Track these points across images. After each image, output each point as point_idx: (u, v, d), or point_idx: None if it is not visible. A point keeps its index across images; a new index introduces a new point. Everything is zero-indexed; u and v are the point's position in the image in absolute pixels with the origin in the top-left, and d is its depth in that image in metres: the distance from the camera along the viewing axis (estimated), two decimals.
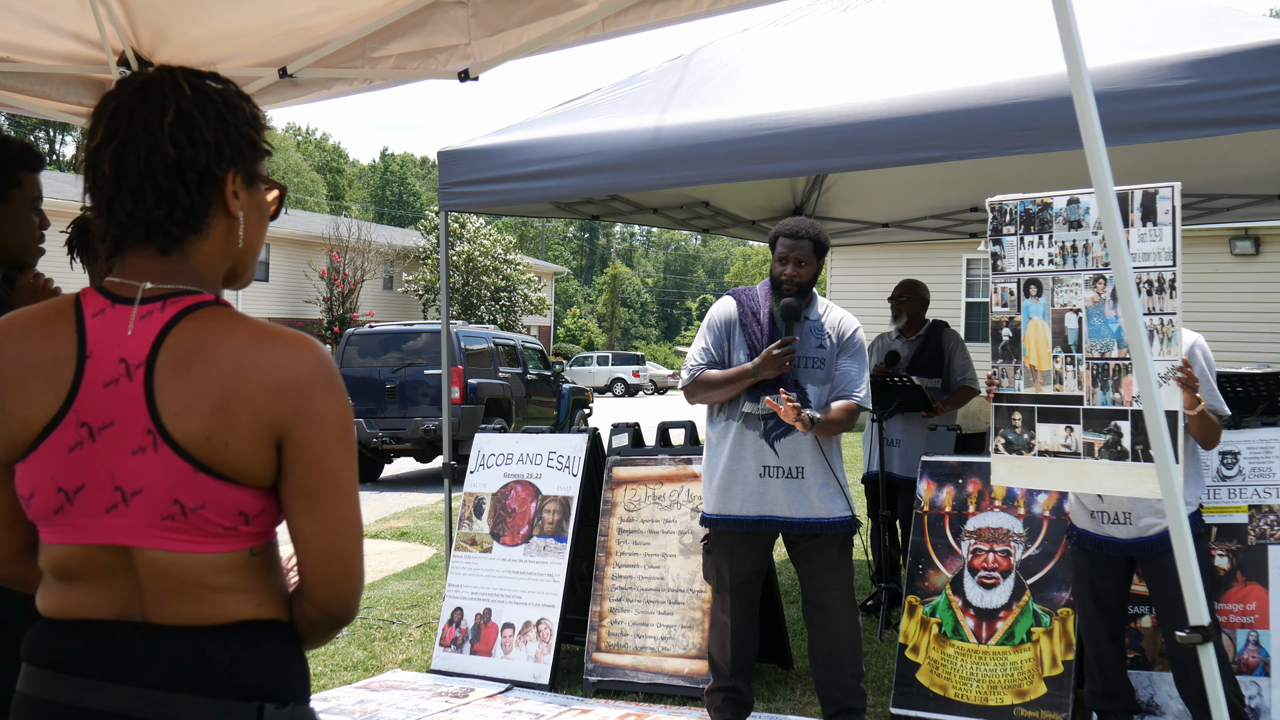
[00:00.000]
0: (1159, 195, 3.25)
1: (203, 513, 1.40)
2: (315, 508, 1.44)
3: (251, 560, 1.45)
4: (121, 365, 1.41)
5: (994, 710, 4.22)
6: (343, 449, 1.45)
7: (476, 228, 34.86)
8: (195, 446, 1.39)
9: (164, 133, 1.42)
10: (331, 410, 1.44)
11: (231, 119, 1.47)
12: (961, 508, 4.57)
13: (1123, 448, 3.33)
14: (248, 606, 1.45)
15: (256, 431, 1.40)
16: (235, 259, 1.54)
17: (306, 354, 1.44)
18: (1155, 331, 3.25)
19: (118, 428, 1.40)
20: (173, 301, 1.44)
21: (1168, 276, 3.24)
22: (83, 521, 1.42)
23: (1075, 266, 3.44)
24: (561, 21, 3.31)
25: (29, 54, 3.64)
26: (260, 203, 1.55)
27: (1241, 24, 3.90)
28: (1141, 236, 3.27)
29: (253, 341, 1.42)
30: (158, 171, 1.42)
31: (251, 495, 1.43)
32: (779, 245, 4.15)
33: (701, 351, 4.17)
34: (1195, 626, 2.13)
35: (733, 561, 4.11)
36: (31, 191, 2.43)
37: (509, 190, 5.29)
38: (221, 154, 1.46)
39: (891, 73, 4.62)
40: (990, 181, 6.75)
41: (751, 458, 4.03)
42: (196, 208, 1.45)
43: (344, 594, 1.47)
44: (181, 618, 1.42)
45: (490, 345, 15.08)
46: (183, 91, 1.45)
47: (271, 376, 1.41)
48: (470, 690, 4.92)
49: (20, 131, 41.78)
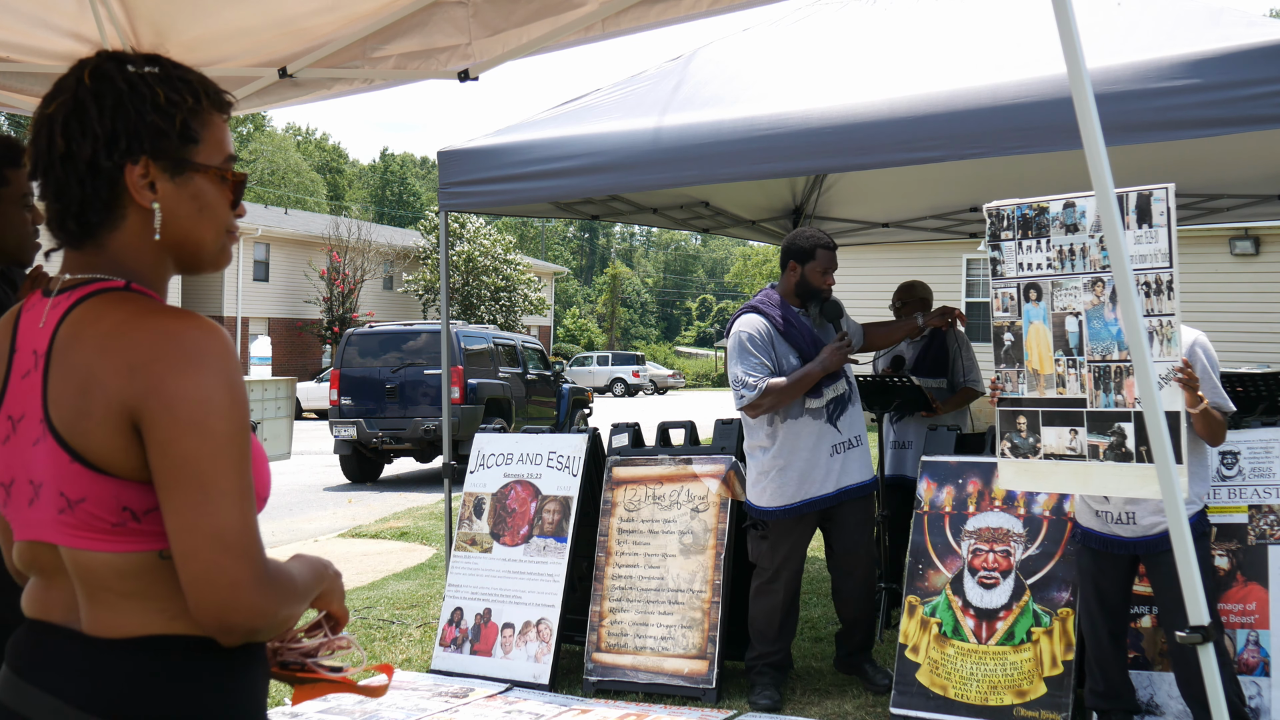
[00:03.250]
0: (1153, 197, 3.25)
1: (85, 506, 1.33)
2: (168, 499, 1.30)
3: (162, 564, 1.34)
4: (32, 356, 1.40)
5: (994, 710, 4.22)
6: (200, 437, 1.30)
7: (476, 228, 34.87)
8: (68, 433, 1.33)
9: (58, 124, 1.39)
10: (187, 391, 1.30)
11: (135, 106, 1.39)
12: (961, 508, 4.57)
13: (1126, 449, 3.33)
14: (159, 619, 1.35)
15: (109, 416, 1.31)
16: (172, 249, 1.46)
17: (173, 332, 1.33)
18: (1155, 333, 3.25)
19: (27, 420, 1.38)
20: (80, 289, 1.41)
21: (1165, 278, 3.24)
22: (17, 516, 1.41)
23: (1073, 270, 3.45)
24: (561, 21, 3.31)
25: (29, 54, 3.64)
26: (198, 192, 1.45)
27: (1241, 24, 3.91)
28: (1137, 238, 3.27)
29: (124, 321, 1.35)
30: (55, 164, 1.40)
31: (135, 490, 1.33)
32: (820, 256, 4.70)
33: (757, 365, 4.59)
34: (1195, 626, 2.13)
35: (794, 543, 4.68)
36: (21, 188, 2.41)
37: (509, 190, 5.29)
38: (114, 144, 1.39)
39: (891, 73, 4.62)
40: (990, 181, 6.76)
41: (823, 444, 4.64)
42: (89, 201, 1.40)
43: (206, 604, 1.30)
44: (100, 628, 1.35)
45: (490, 345, 15.09)
46: (82, 81, 1.40)
47: (128, 357, 1.32)
48: (470, 690, 4.92)
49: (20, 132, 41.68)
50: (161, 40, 3.65)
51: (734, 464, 4.91)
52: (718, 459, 4.98)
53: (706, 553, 4.86)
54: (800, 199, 7.66)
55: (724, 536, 4.84)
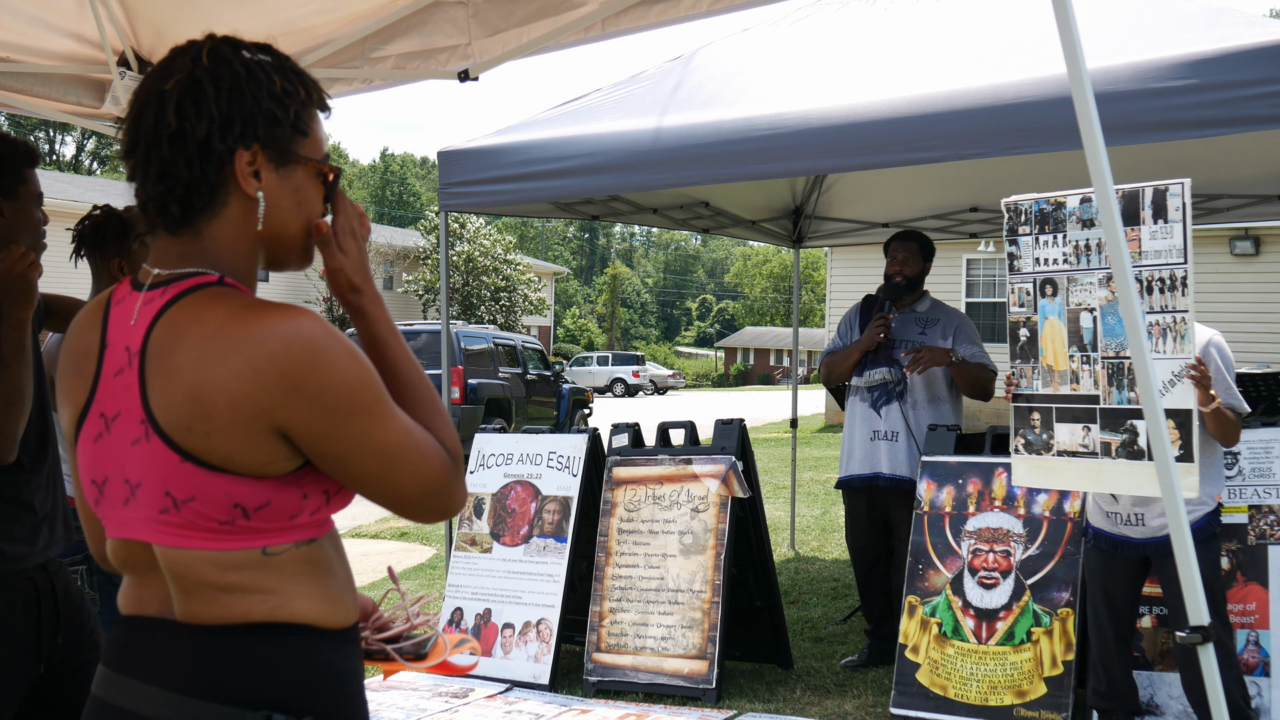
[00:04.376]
0: (1169, 192, 3.24)
1: (194, 505, 1.32)
2: (356, 479, 1.36)
3: (268, 561, 1.35)
4: (126, 354, 1.37)
5: (994, 710, 4.22)
6: (356, 415, 1.32)
7: (476, 228, 34.85)
8: (178, 435, 1.31)
9: (171, 101, 1.35)
10: (328, 382, 1.31)
11: (252, 92, 1.37)
12: (961, 508, 4.57)
13: (1139, 447, 3.31)
14: (263, 608, 1.35)
15: (239, 419, 1.30)
16: (267, 243, 1.43)
17: (283, 329, 1.31)
18: (1168, 330, 3.22)
19: (123, 418, 1.36)
20: (174, 285, 1.37)
21: (1179, 274, 3.21)
22: (111, 514, 1.39)
23: (1089, 265, 3.43)
24: (561, 22, 3.32)
25: (29, 54, 3.64)
26: (299, 186, 1.43)
27: (1241, 24, 3.90)
28: (1152, 234, 3.25)
29: (225, 322, 1.32)
30: (162, 143, 1.35)
31: (249, 485, 1.32)
32: (891, 248, 5.22)
33: (831, 341, 5.42)
34: (1195, 626, 2.13)
35: (852, 518, 5.26)
36: (35, 188, 2.46)
37: (509, 190, 5.29)
38: (229, 128, 1.36)
39: (891, 73, 4.62)
40: (990, 181, 6.76)
41: (866, 426, 5.11)
42: (196, 184, 1.36)
43: (429, 518, 1.42)
44: (198, 616, 1.35)
45: (490, 345, 15.09)
46: (200, 60, 1.37)
47: (245, 359, 1.29)
48: (470, 690, 4.92)
49: (20, 131, 41.79)
50: (161, 41, 3.65)
51: (734, 464, 4.91)
52: (718, 459, 4.98)
53: (706, 553, 4.86)
54: (800, 199, 7.65)
55: (724, 536, 4.84)
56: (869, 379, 5.11)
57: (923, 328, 5.13)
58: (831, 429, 19.55)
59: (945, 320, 5.16)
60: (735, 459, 4.94)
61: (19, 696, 2.29)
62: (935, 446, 4.76)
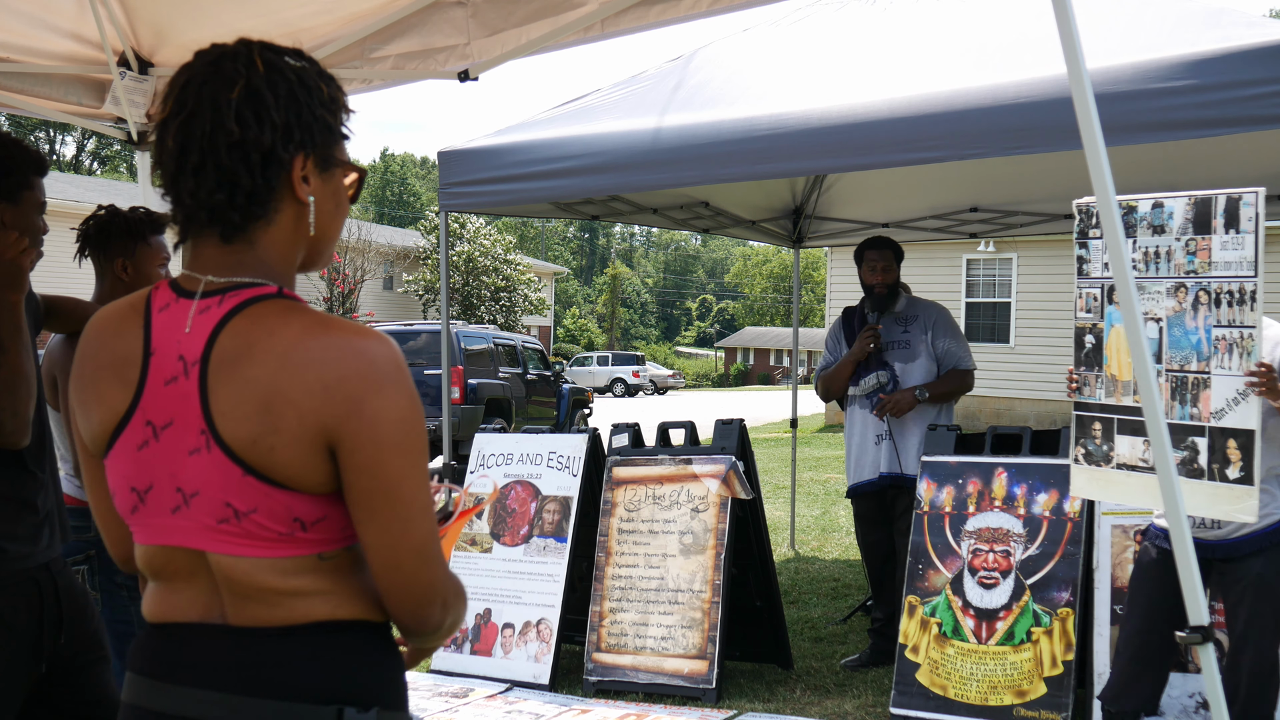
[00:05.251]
0: (1243, 201, 3.05)
1: (255, 517, 1.33)
2: (373, 518, 1.34)
3: (323, 564, 1.37)
4: (180, 363, 1.35)
5: (994, 710, 4.22)
6: (401, 456, 1.33)
7: (476, 228, 34.86)
8: (243, 449, 1.31)
9: (230, 109, 1.34)
10: (387, 412, 1.32)
11: (305, 99, 1.38)
12: (961, 508, 4.57)
13: (1199, 465, 3.11)
14: (324, 608, 1.37)
15: (304, 435, 1.31)
16: (310, 246, 1.45)
17: (361, 350, 1.32)
18: (1234, 345, 3.05)
19: (177, 427, 1.35)
20: (231, 295, 1.37)
21: (1249, 287, 3.03)
22: (154, 522, 1.38)
23: (1158, 273, 3.23)
24: (561, 22, 3.32)
25: (29, 54, 3.64)
26: (336, 188, 1.45)
27: (1241, 24, 3.90)
28: (1224, 244, 3.08)
29: (303, 337, 1.32)
30: (220, 150, 1.34)
31: (308, 502, 1.34)
32: (866, 256, 5.28)
33: (824, 358, 5.53)
34: (1195, 626, 2.13)
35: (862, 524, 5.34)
36: (40, 196, 2.48)
37: (509, 190, 5.29)
38: (290, 136, 1.37)
39: (891, 73, 4.61)
40: (990, 181, 6.76)
41: (869, 431, 5.21)
42: (259, 192, 1.37)
43: (409, 607, 1.39)
44: (255, 619, 1.35)
45: (490, 345, 15.09)
46: (255, 67, 1.37)
47: (318, 375, 1.30)
48: (470, 690, 4.92)
49: (20, 131, 41.78)
50: (161, 41, 3.65)
51: (734, 464, 4.91)
52: (718, 459, 4.98)
53: (706, 553, 4.86)
54: (800, 199, 7.66)
55: (724, 536, 4.84)
56: (864, 386, 5.23)
57: (905, 325, 5.25)
58: (831, 429, 19.57)
59: (924, 315, 5.27)
60: (735, 459, 4.94)
61: (22, 696, 2.30)
62: (935, 446, 4.76)
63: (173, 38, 3.62)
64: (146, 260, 3.14)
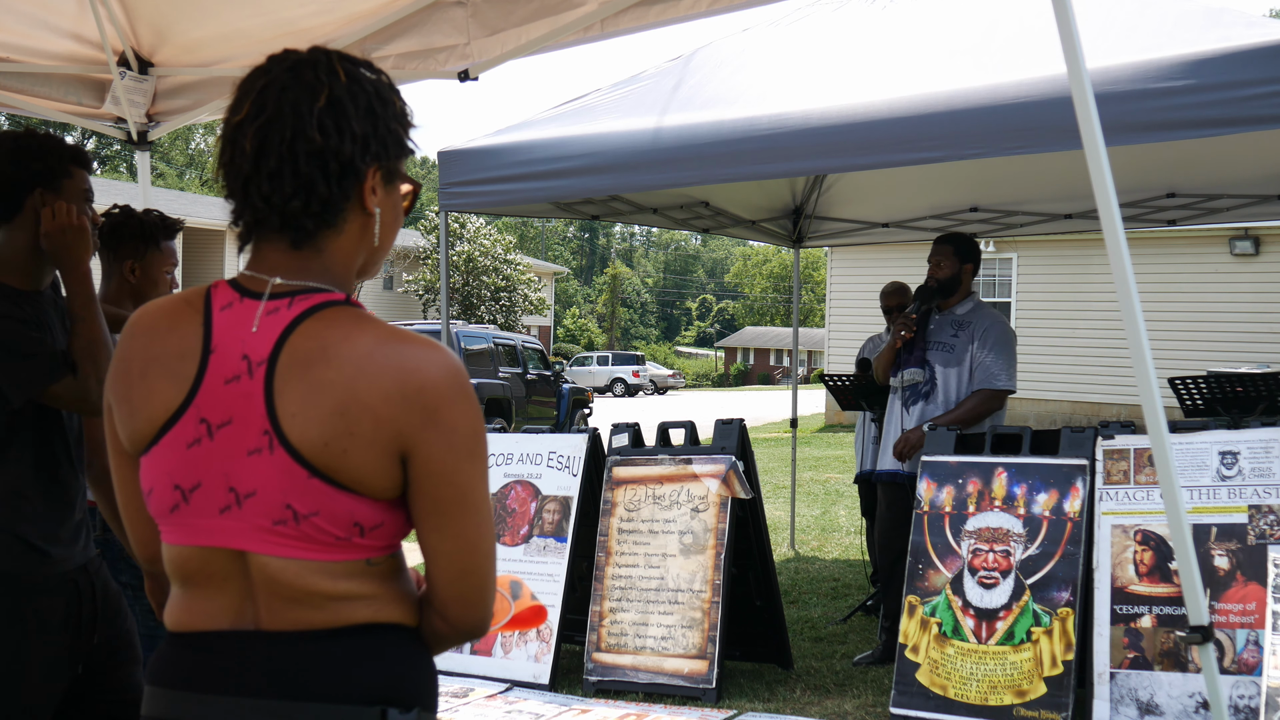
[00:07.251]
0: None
1: (315, 520, 1.33)
2: (447, 524, 1.36)
3: (369, 569, 1.38)
4: (244, 362, 1.35)
5: (994, 710, 4.22)
6: (473, 463, 1.36)
7: (476, 228, 34.86)
8: (312, 451, 1.31)
9: (313, 117, 1.35)
10: (462, 422, 1.35)
11: (381, 112, 1.41)
12: (961, 508, 4.57)
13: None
14: (366, 611, 1.38)
15: (378, 441, 1.32)
16: (368, 256, 1.47)
17: (436, 361, 1.35)
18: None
19: (235, 426, 1.34)
20: (301, 298, 1.37)
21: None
22: (197, 522, 1.36)
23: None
24: (561, 21, 3.32)
25: (29, 54, 3.64)
26: (396, 201, 1.47)
27: (1241, 24, 3.90)
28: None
29: (379, 345, 1.34)
30: (300, 157, 1.35)
31: (369, 507, 1.35)
32: (930, 252, 5.25)
33: None
34: (1195, 626, 2.13)
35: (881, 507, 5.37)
36: (81, 184, 2.45)
37: (509, 190, 5.29)
38: (367, 147, 1.39)
39: (891, 73, 4.62)
40: (990, 181, 6.77)
41: (895, 422, 5.24)
42: (333, 201, 1.38)
43: (478, 610, 1.41)
44: (296, 623, 1.35)
45: (490, 345, 15.10)
46: (337, 77, 1.38)
47: (397, 384, 1.32)
48: (470, 690, 4.92)
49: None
50: (161, 41, 3.66)
51: (734, 463, 4.91)
52: (718, 459, 4.98)
53: (706, 552, 4.86)
54: (800, 199, 7.66)
55: (724, 536, 4.84)
56: (902, 379, 5.21)
57: (956, 330, 5.12)
58: (831, 429, 19.56)
59: (976, 324, 5.10)
60: (735, 459, 4.94)
61: (58, 698, 2.29)
62: (935, 446, 4.76)
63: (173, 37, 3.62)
64: (155, 264, 3.11)
